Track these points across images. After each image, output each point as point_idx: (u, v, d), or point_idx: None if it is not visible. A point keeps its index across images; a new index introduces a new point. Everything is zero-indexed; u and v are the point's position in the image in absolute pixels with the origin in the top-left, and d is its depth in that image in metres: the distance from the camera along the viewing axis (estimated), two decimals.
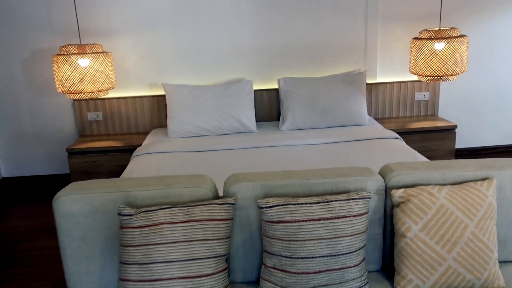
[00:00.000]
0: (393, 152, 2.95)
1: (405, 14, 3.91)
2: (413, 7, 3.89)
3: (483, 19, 3.98)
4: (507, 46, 4.07)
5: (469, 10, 3.95)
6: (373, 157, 2.87)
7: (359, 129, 3.50)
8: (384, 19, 3.91)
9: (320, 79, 3.76)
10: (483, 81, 4.14)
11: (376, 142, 3.20)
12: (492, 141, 4.33)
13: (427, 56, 3.41)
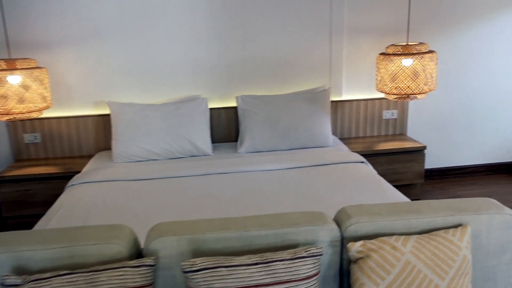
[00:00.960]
0: (358, 180, 2.67)
1: (371, 28, 3.68)
2: (380, 20, 3.67)
3: (451, 33, 3.79)
4: (477, 62, 3.89)
5: (438, 24, 3.75)
6: (336, 186, 2.59)
7: (322, 152, 3.22)
8: (350, 33, 3.67)
9: (281, 96, 3.48)
10: (453, 98, 3.94)
11: (340, 167, 2.93)
12: (462, 161, 4.14)
13: (394, 73, 3.18)
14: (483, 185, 3.93)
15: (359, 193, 2.48)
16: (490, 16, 3.79)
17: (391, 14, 3.67)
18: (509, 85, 3.98)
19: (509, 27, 3.84)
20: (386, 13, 3.66)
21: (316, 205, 2.34)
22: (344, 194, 2.47)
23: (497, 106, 4.02)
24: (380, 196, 2.42)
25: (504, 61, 3.92)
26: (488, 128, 4.07)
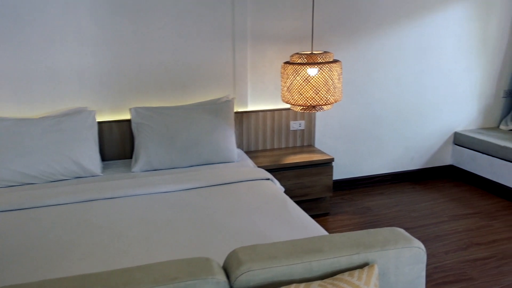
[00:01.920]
0: (262, 200, 2.44)
1: (276, 35, 3.51)
2: (285, 27, 3.51)
3: (356, 42, 3.74)
4: (382, 71, 3.89)
5: (342, 33, 3.68)
6: (238, 208, 2.34)
7: (226, 169, 2.96)
8: (255, 40, 3.46)
9: (180, 108, 3.17)
10: (360, 108, 3.90)
11: (244, 186, 2.68)
12: (370, 171, 4.12)
13: (299, 83, 3.01)
14: (390, 195, 3.93)
15: (262, 216, 2.25)
16: (394, 25, 3.81)
17: (296, 21, 3.53)
18: (411, 95, 4.04)
19: (411, 37, 3.88)
20: (291, 20, 3.51)
21: (215, 234, 2.06)
22: (246, 219, 2.22)
23: (400, 115, 4.06)
24: (284, 220, 2.21)
25: (406, 71, 3.96)
26: (393, 137, 4.09)
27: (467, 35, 4.08)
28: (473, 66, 4.19)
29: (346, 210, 3.63)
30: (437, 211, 3.59)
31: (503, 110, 4.46)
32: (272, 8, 3.44)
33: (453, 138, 4.32)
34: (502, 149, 3.79)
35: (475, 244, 3.03)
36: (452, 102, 4.22)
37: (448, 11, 3.95)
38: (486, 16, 4.09)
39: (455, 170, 4.34)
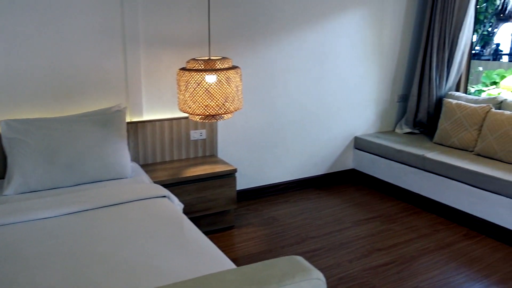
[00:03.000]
0: (156, 224, 2.20)
1: (173, 38, 3.27)
2: (182, 30, 3.29)
3: (256, 48, 3.63)
4: (284, 78, 3.82)
5: (241, 38, 3.55)
6: (128, 236, 2.07)
7: (117, 187, 2.65)
8: (148, 43, 3.19)
9: (62, 120, 2.80)
10: (263, 115, 3.80)
11: (136, 206, 2.41)
12: (275, 178, 4.04)
13: (196, 91, 2.81)
14: (295, 202, 3.88)
15: (155, 242, 2.00)
16: (294, 31, 3.76)
17: (193, 24, 3.32)
18: (312, 101, 4.03)
19: (311, 43, 3.87)
20: (188, 22, 3.30)
21: (96, 268, 1.77)
22: (136, 246, 1.96)
23: (303, 121, 4.03)
24: (180, 245, 1.99)
25: (307, 77, 3.94)
26: (296, 143, 4.05)
27: (363, 42, 4.18)
28: (370, 72, 4.30)
29: (252, 221, 3.49)
30: (340, 217, 3.59)
31: (397, 114, 4.65)
32: (167, 9, 3.20)
33: (354, 143, 4.41)
34: (398, 152, 3.92)
35: (377, 249, 3.06)
36: (352, 107, 4.29)
37: (346, 19, 4.00)
38: (380, 25, 4.23)
39: (357, 174, 4.43)
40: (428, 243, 3.16)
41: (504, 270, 2.81)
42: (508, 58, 15.81)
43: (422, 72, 4.34)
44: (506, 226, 3.13)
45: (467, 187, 3.37)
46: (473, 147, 3.76)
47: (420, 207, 3.77)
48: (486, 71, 5.80)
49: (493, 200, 3.19)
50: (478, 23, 5.99)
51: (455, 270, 2.80)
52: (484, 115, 3.72)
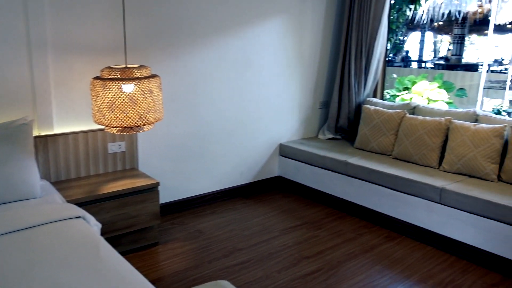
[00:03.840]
0: (68, 249, 1.99)
1: (86, 45, 3.05)
2: (96, 36, 3.07)
3: (177, 56, 3.50)
4: (206, 86, 3.72)
5: (161, 44, 3.40)
6: (37, 263, 1.85)
7: (23, 209, 2.39)
8: (58, 50, 2.94)
9: None
10: (186, 124, 3.67)
11: (47, 230, 2.18)
12: (201, 189, 3.92)
13: (112, 101, 2.62)
14: (222, 213, 3.79)
15: (68, 271, 1.80)
16: (216, 38, 3.68)
17: (108, 29, 3.12)
18: (236, 109, 3.97)
19: (233, 51, 3.81)
20: (102, 28, 3.09)
21: None
22: (46, 278, 1.76)
23: (227, 130, 3.96)
24: (96, 272, 1.81)
25: (231, 85, 3.88)
26: (221, 152, 3.97)
27: (285, 50, 4.20)
28: (292, 79, 4.34)
29: (177, 236, 3.35)
30: (268, 226, 3.56)
31: (320, 121, 4.74)
32: (78, 13, 2.97)
33: (279, 150, 4.42)
34: (322, 158, 3.98)
35: (305, 257, 3.05)
36: (276, 115, 4.30)
37: (268, 27, 4.00)
38: (300, 34, 4.28)
39: (283, 181, 4.44)
40: (353, 247, 3.22)
41: (423, 269, 2.93)
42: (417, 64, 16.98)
43: (342, 80, 4.46)
44: (423, 227, 3.28)
45: (387, 190, 3.49)
46: (391, 151, 3.91)
47: (344, 211, 3.85)
48: (399, 77, 6.13)
49: (411, 202, 3.33)
50: (391, 32, 6.33)
51: (379, 273, 2.87)
52: (400, 120, 3.89)
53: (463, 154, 3.38)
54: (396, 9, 6.47)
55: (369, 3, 4.18)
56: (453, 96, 6.24)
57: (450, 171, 3.45)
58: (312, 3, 4.30)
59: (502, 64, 15.15)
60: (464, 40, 14.36)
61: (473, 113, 3.67)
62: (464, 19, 11.36)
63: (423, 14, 9.72)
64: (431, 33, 20.03)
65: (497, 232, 2.86)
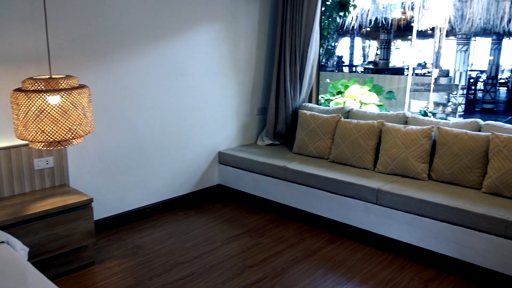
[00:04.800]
0: None
1: (3, 54, 2.82)
2: (14, 44, 2.85)
3: (107, 65, 3.35)
4: (140, 95, 3.59)
5: (89, 53, 3.23)
6: None
7: None
8: None
9: None
10: (120, 136, 3.51)
11: None
12: (139, 203, 3.77)
13: (36, 115, 2.44)
14: (162, 226, 3.66)
15: None
16: (148, 46, 3.56)
17: (29, 36, 2.91)
18: (173, 119, 3.87)
19: (167, 59, 3.71)
20: (21, 34, 2.87)
21: None
22: None
23: (164, 140, 3.84)
24: None
25: (166, 94, 3.77)
26: (159, 163, 3.84)
27: (219, 58, 4.16)
28: (228, 86, 4.31)
29: (115, 254, 3.18)
30: (210, 236, 3.49)
31: (258, 127, 4.75)
32: None
33: (218, 158, 4.36)
34: (261, 164, 3.97)
35: (248, 266, 3.01)
36: (213, 123, 4.24)
37: (201, 34, 3.94)
38: (235, 41, 4.26)
39: (223, 189, 4.38)
40: (296, 252, 3.23)
41: (364, 270, 2.99)
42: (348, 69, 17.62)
43: (278, 85, 4.49)
44: (362, 228, 3.36)
45: (326, 193, 3.54)
46: (328, 155, 3.99)
47: (286, 217, 3.87)
48: (332, 82, 6.30)
49: (349, 204, 3.40)
50: (323, 38, 6.49)
51: (322, 277, 2.89)
52: (335, 124, 3.98)
53: (395, 155, 3.51)
54: (327, 16, 6.65)
55: (301, 10, 4.25)
56: (383, 98, 6.52)
57: (384, 172, 3.57)
58: (245, 10, 4.30)
59: (425, 68, 16.14)
60: (390, 45, 15.14)
61: (402, 115, 3.83)
62: (390, 25, 11.97)
63: (352, 21, 10.11)
64: (360, 39, 20.94)
65: (430, 229, 2.98)
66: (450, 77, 9.83)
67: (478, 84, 14.01)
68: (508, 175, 2.99)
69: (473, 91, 13.53)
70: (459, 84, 9.59)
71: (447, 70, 10.15)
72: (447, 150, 3.31)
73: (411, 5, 9.29)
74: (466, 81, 10.55)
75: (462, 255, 2.87)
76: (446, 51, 11.91)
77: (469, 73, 12.33)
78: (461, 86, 9.80)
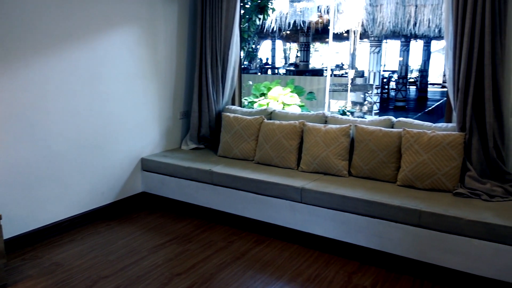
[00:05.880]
0: None
1: None
2: None
3: (13, 69, 3.10)
4: (54, 102, 3.36)
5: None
6: None
7: None
8: None
9: None
10: (32, 146, 3.27)
11: None
12: (55, 216, 3.53)
13: None
14: (83, 239, 3.46)
15: None
16: (61, 51, 3.35)
17: None
18: (91, 126, 3.68)
19: (83, 63, 3.52)
20: None
21: None
22: None
23: (82, 148, 3.64)
24: None
25: (82, 100, 3.57)
26: (77, 173, 3.63)
27: (139, 61, 4.03)
28: (149, 90, 4.19)
29: (30, 273, 2.95)
30: (135, 246, 3.36)
31: (182, 131, 4.67)
32: None
33: (141, 165, 4.22)
34: (186, 169, 3.91)
35: (176, 275, 2.94)
36: (135, 128, 4.10)
37: (117, 37, 3.79)
38: (154, 44, 4.16)
39: (148, 197, 4.25)
40: (225, 256, 3.21)
41: (292, 268, 3.05)
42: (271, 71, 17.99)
43: (200, 89, 4.45)
44: (289, 226, 3.42)
45: (252, 195, 3.56)
46: (253, 157, 4.02)
47: (213, 221, 3.83)
48: (255, 84, 6.37)
49: (275, 204, 3.45)
50: (244, 41, 6.56)
51: (252, 279, 2.90)
52: (259, 126, 4.02)
53: (317, 154, 3.62)
54: (246, 19, 6.73)
55: (220, 13, 4.24)
56: (304, 99, 6.72)
57: (307, 171, 3.67)
58: (164, 12, 4.21)
59: (342, 69, 16.92)
60: (309, 47, 15.70)
61: (322, 115, 3.96)
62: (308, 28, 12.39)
63: (272, 24, 10.32)
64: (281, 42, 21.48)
65: (352, 223, 3.11)
66: (365, 78, 10.40)
67: (391, 83, 14.97)
68: (419, 168, 3.20)
69: (387, 90, 14.43)
70: (373, 84, 10.16)
71: (362, 71, 10.73)
72: (364, 147, 3.48)
73: (327, 9, 9.70)
74: (379, 81, 11.22)
75: (381, 246, 3.02)
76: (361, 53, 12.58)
77: (382, 73, 13.12)
78: (376, 86, 10.39)
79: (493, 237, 2.63)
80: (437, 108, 12.59)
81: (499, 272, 2.63)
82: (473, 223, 2.69)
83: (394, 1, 9.13)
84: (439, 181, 3.15)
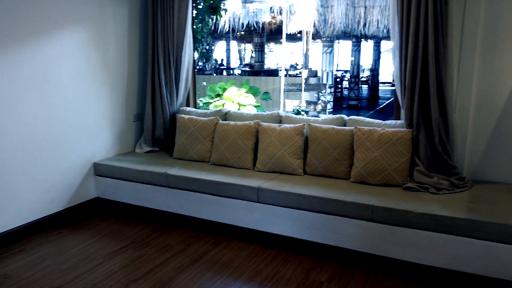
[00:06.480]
0: None
1: None
2: None
3: None
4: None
5: None
6: None
7: None
8: None
9: None
10: None
11: None
12: (2, 226, 3.37)
13: None
14: (33, 249, 3.33)
15: None
16: (5, 52, 3.19)
17: None
18: (38, 131, 3.54)
19: (27, 66, 3.37)
20: None
21: None
22: None
23: (29, 154, 3.49)
24: None
25: (28, 104, 3.42)
26: (24, 181, 3.48)
27: (88, 63, 3.92)
28: (100, 93, 4.08)
29: None
30: (89, 254, 3.26)
31: (136, 134, 4.58)
32: None
33: (94, 169, 4.10)
34: (141, 173, 3.83)
35: (133, 281, 2.88)
36: (86, 132, 3.98)
37: (65, 39, 3.67)
38: (104, 45, 4.05)
39: (102, 202, 4.13)
40: (183, 259, 3.18)
41: (250, 267, 3.06)
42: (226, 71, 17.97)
43: (153, 90, 4.38)
44: (246, 227, 3.43)
45: (208, 196, 3.55)
46: (209, 158, 4.00)
47: (170, 224, 3.78)
48: (210, 85, 6.35)
49: (232, 204, 3.45)
50: (197, 41, 6.52)
51: (210, 280, 2.89)
52: (214, 127, 4.01)
53: (272, 154, 3.65)
54: (199, 20, 6.69)
55: (172, 13, 4.19)
56: (260, 99, 6.76)
57: (263, 170, 3.70)
58: (113, 12, 4.11)
59: (296, 69, 17.15)
60: (264, 48, 15.80)
61: (277, 115, 4.00)
62: (262, 29, 12.48)
63: (225, 24, 10.32)
64: (235, 42, 21.49)
65: (308, 220, 3.16)
66: (319, 77, 10.60)
67: (344, 82, 15.34)
68: (371, 164, 3.30)
69: (340, 89, 14.78)
70: (326, 83, 10.38)
71: (316, 71, 10.93)
72: (318, 145, 3.54)
73: (279, 10, 9.81)
74: (332, 80, 11.47)
75: (336, 241, 3.09)
76: (314, 53, 12.81)
77: (335, 73, 13.42)
78: (329, 85, 10.62)
79: (440, 228, 2.76)
80: (387, 106, 13.04)
81: (447, 261, 2.76)
82: (422, 216, 2.80)
83: (344, 2, 9.36)
84: (390, 176, 3.26)
